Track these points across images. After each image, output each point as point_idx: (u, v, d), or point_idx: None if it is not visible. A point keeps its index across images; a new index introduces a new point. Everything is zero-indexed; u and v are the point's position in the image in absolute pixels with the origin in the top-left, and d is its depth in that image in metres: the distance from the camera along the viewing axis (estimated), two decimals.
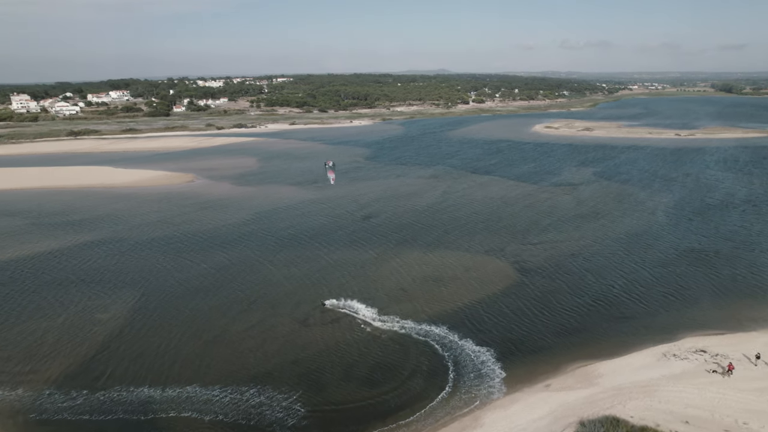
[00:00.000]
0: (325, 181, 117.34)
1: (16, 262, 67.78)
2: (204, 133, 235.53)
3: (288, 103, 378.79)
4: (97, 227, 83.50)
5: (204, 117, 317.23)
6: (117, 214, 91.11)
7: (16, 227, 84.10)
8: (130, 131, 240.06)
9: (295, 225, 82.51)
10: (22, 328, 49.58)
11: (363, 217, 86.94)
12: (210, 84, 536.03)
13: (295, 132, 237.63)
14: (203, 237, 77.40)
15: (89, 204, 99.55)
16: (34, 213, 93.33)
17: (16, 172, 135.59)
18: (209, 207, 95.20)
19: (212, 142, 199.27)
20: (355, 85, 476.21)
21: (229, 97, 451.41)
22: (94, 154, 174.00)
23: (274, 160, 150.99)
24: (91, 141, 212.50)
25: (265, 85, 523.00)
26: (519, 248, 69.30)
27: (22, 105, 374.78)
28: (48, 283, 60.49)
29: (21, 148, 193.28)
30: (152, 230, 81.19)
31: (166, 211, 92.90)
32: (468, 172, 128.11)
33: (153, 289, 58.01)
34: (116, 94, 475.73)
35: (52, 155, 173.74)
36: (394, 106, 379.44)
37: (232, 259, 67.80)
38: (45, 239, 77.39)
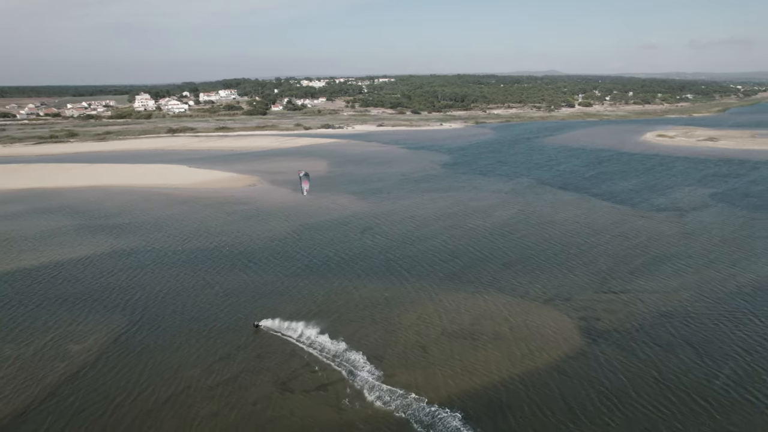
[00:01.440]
0: (390, 191, 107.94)
1: (37, 269, 64.97)
2: (290, 133, 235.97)
3: (382, 104, 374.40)
4: (137, 233, 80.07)
5: (298, 116, 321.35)
6: (164, 220, 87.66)
7: (65, 228, 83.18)
8: (223, 129, 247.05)
9: (332, 245, 72.89)
10: None
11: (414, 239, 75.25)
12: (313, 84, 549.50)
13: (381, 134, 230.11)
14: (232, 253, 70.39)
15: (145, 206, 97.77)
16: (90, 213, 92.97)
17: (100, 168, 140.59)
18: (256, 216, 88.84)
19: (294, 143, 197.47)
20: (455, 86, 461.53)
21: (328, 96, 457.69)
22: (180, 152, 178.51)
23: (345, 165, 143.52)
24: (185, 138, 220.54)
25: (364, 86, 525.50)
26: (593, 298, 53.80)
27: (142, 103, 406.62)
28: (48, 298, 56.14)
29: (122, 145, 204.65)
30: (187, 241, 75.90)
31: (212, 219, 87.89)
32: (554, 187, 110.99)
33: (145, 318, 51.13)
34: (225, 93, 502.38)
35: (143, 152, 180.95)
36: (491, 109, 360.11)
37: (247, 282, 59.63)
38: (81, 244, 74.92)
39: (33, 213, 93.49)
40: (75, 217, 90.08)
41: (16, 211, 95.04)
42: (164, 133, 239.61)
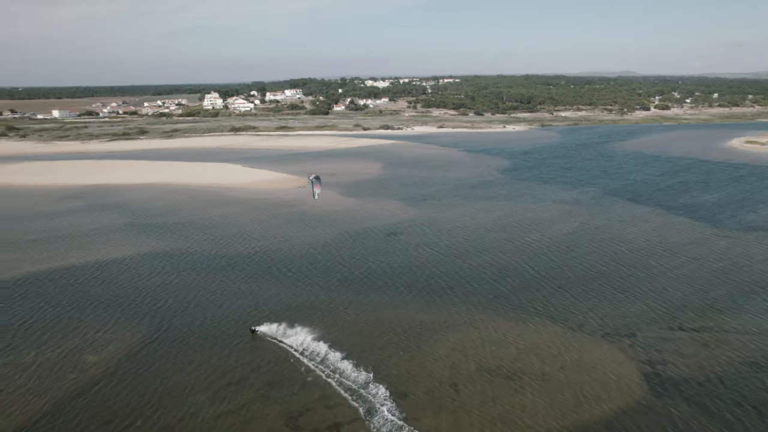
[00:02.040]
0: (442, 197, 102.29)
1: (78, 268, 64.94)
2: (348, 133, 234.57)
3: (444, 105, 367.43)
4: (180, 234, 79.39)
5: (358, 117, 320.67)
6: (209, 221, 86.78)
7: (114, 226, 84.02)
8: (283, 129, 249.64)
9: (373, 256, 68.47)
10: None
11: (461, 252, 69.50)
12: (377, 84, 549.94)
13: (440, 136, 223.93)
14: (269, 259, 67.64)
15: (193, 206, 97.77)
16: (141, 211, 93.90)
17: (160, 166, 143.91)
18: (299, 221, 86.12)
19: (350, 144, 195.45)
20: (521, 87, 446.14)
21: (390, 97, 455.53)
22: (239, 151, 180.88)
23: (399, 168, 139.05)
24: (246, 137, 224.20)
25: (428, 86, 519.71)
26: (663, 336, 46.15)
27: (210, 102, 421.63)
28: (82, 300, 55.37)
29: (186, 142, 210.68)
30: (226, 245, 74.11)
31: (255, 222, 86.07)
32: (623, 198, 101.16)
33: (168, 329, 48.87)
34: (290, 93, 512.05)
35: (204, 150, 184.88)
36: (558, 111, 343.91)
37: (279, 294, 56.40)
38: (125, 243, 74.92)
39: (90, 210, 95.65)
40: (126, 215, 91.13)
41: (76, 207, 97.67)
42: (227, 131, 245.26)
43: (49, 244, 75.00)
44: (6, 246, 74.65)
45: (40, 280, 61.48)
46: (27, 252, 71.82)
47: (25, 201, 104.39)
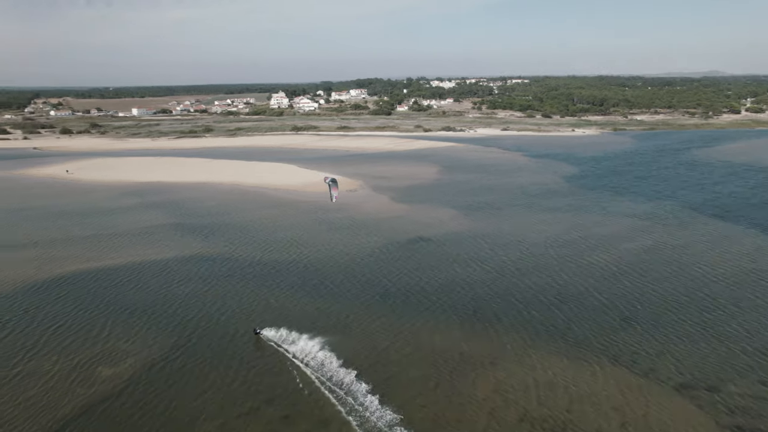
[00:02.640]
0: (500, 207, 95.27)
1: (117, 270, 64.21)
2: (408, 134, 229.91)
3: (510, 107, 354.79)
4: (224, 237, 77.78)
5: (421, 117, 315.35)
6: (254, 224, 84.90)
7: (161, 226, 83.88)
8: (343, 129, 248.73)
9: (417, 272, 63.21)
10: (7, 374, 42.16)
11: (515, 271, 62.90)
12: (443, 85, 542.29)
13: (503, 139, 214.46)
14: (308, 269, 64.16)
15: (243, 207, 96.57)
16: (189, 211, 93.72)
17: (217, 165, 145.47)
18: (346, 228, 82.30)
19: (409, 146, 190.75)
20: (593, 89, 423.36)
21: (456, 97, 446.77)
22: (296, 151, 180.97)
23: (456, 173, 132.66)
24: (306, 137, 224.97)
25: (495, 87, 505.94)
26: (753, 392, 37.93)
27: (277, 101, 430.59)
28: (113, 305, 54.01)
29: (248, 141, 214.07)
30: (266, 250, 71.47)
31: (301, 226, 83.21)
32: (707, 215, 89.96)
33: (189, 343, 46.15)
34: (355, 93, 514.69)
35: (263, 149, 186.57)
36: (633, 114, 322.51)
37: (312, 310, 52.54)
38: (168, 245, 74.10)
39: (143, 208, 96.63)
40: (175, 214, 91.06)
41: (131, 205, 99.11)
42: (289, 130, 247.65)
43: (98, 243, 75.46)
44: (59, 243, 75.80)
45: (81, 280, 61.06)
46: (76, 249, 72.44)
47: (87, 197, 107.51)
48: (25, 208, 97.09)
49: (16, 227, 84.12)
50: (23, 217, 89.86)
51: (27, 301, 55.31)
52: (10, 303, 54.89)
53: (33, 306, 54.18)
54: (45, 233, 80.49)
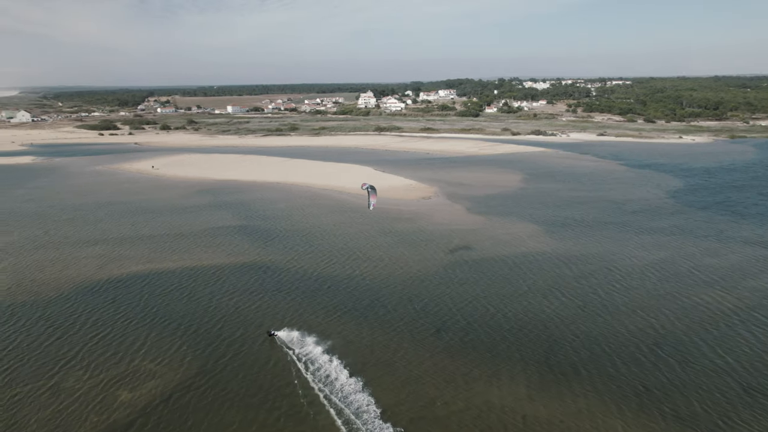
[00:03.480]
0: (590, 225, 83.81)
1: (168, 275, 62.20)
2: (495, 138, 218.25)
3: (609, 110, 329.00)
4: (284, 245, 74.11)
5: (510, 120, 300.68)
6: (319, 231, 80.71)
7: (225, 228, 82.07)
8: (427, 130, 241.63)
9: (482, 301, 55.10)
10: (21, 392, 39.73)
11: (600, 309, 52.89)
12: (536, 86, 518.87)
13: (599, 145, 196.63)
14: (363, 287, 58.28)
15: (310, 212, 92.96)
16: (257, 214, 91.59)
17: (295, 165, 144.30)
18: (412, 241, 75.53)
19: (494, 150, 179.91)
20: (707, 91, 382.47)
21: (549, 99, 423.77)
22: (376, 152, 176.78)
23: (543, 181, 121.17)
24: (388, 137, 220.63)
25: (593, 89, 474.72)
26: None
27: (364, 101, 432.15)
28: (152, 316, 51.33)
29: (330, 141, 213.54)
30: (324, 263, 66.55)
31: (365, 237, 77.69)
32: None
33: (214, 371, 41.74)
34: (444, 93, 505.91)
35: (344, 149, 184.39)
36: (756, 119, 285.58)
37: (354, 337, 46.44)
38: (227, 250, 71.52)
39: (213, 207, 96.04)
40: (242, 216, 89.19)
41: (203, 204, 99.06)
42: (372, 131, 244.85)
43: (162, 243, 74.68)
44: (127, 241, 76.02)
45: (135, 284, 59.55)
46: (140, 249, 71.95)
47: (165, 193, 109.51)
48: (111, 203, 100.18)
49: (98, 223, 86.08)
50: (107, 213, 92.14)
51: (80, 304, 54.24)
52: (66, 305, 54.08)
53: (84, 310, 52.89)
54: (118, 230, 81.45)
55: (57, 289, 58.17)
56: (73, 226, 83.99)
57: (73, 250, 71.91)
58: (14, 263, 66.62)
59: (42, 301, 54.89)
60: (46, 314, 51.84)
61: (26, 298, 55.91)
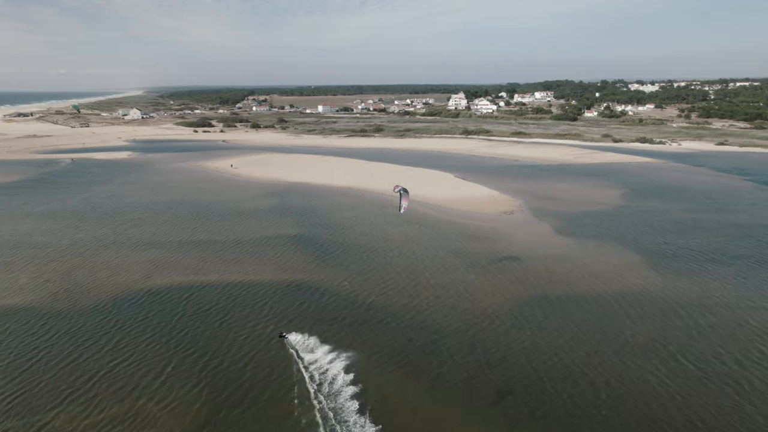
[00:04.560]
0: (711, 258, 68.24)
1: (207, 289, 57.02)
2: (593, 145, 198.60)
3: (731, 115, 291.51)
4: (338, 261, 66.94)
5: (612, 125, 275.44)
6: (381, 246, 72.87)
7: (280, 238, 76.52)
8: (518, 134, 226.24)
9: (561, 355, 43.89)
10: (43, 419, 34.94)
11: (727, 380, 39.88)
12: (644, 88, 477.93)
13: (719, 156, 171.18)
14: (415, 324, 49.33)
15: (377, 221, 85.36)
16: (319, 222, 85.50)
17: (372, 168, 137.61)
18: (485, 267, 65.12)
19: (591, 158, 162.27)
20: None
21: (658, 103, 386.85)
22: (460, 157, 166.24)
23: (647, 199, 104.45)
24: (475, 141, 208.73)
25: (711, 91, 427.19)
26: None
27: (455, 102, 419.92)
28: (179, 339, 45.85)
29: (413, 143, 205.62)
30: (374, 289, 58.32)
31: (431, 256, 68.45)
32: None
33: (233, 418, 34.81)
34: (540, 95, 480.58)
35: (426, 153, 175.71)
36: None
37: (396, 390, 37.62)
38: (273, 263, 65.58)
39: (277, 212, 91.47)
40: (304, 224, 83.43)
41: (269, 208, 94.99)
42: (459, 133, 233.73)
43: (215, 250, 70.52)
44: (183, 246, 72.91)
45: (175, 298, 55.03)
46: (192, 256, 68.17)
47: (234, 194, 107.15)
48: (181, 203, 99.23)
49: (162, 225, 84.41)
50: (174, 214, 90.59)
51: (112, 319, 50.39)
52: (98, 319, 50.50)
53: (113, 326, 48.84)
54: (177, 233, 78.88)
55: (97, 298, 54.97)
56: (140, 226, 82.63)
57: (130, 252, 69.60)
58: (72, 264, 65.10)
59: (77, 312, 51.68)
60: (75, 328, 48.28)
61: (65, 306, 53.09)
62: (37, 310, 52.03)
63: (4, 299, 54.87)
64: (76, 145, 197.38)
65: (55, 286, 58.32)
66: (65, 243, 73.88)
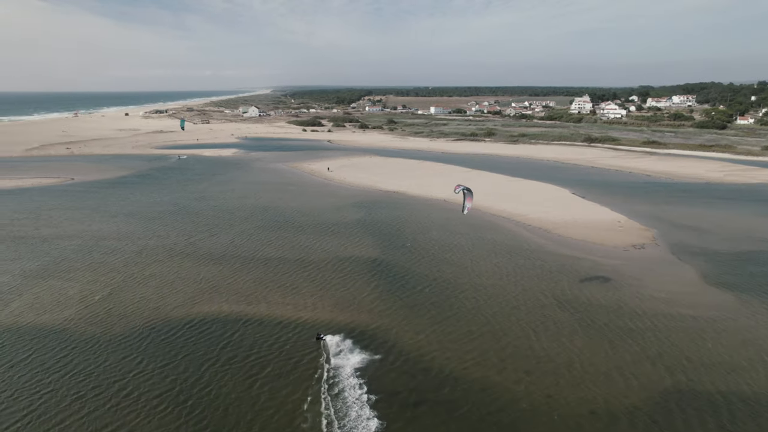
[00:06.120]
0: None
1: (253, 327, 47.70)
2: (750, 159, 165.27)
3: None
4: (411, 303, 54.78)
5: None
6: (468, 284, 59.48)
7: (351, 261, 65.96)
8: (651, 144, 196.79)
9: None
10: None
11: None
12: None
13: None
14: (484, 418, 35.69)
15: (471, 247, 71.74)
16: (403, 241, 73.88)
17: (476, 177, 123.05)
18: (599, 330, 49.07)
19: (749, 176, 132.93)
20: None
21: None
22: (580, 168, 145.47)
23: None
24: (599, 150, 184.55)
25: None
26: None
27: (578, 106, 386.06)
28: (179, 399, 36.67)
29: (526, 150, 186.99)
30: (441, 355, 45.27)
31: (527, 306, 53.67)
32: None
33: None
34: (678, 99, 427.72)
35: (541, 162, 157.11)
36: None
37: None
38: (334, 294, 55.00)
39: (357, 227, 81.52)
40: (385, 245, 72.22)
41: (348, 221, 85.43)
42: (580, 141, 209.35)
43: (274, 272, 61.88)
44: (238, 262, 65.47)
45: (208, 336, 46.65)
46: (246, 278, 60.10)
47: (321, 202, 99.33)
48: (265, 209, 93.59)
49: (235, 235, 78.59)
50: (252, 224, 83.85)
51: (135, 359, 43.04)
52: (119, 357, 43.48)
53: (131, 370, 41.33)
54: (246, 246, 71.87)
55: (131, 326, 48.26)
56: (213, 236, 76.94)
57: (191, 267, 63.34)
58: (127, 277, 60.07)
59: (104, 342, 45.09)
60: (90, 368, 41.27)
61: (96, 332, 46.93)
62: (66, 335, 46.30)
63: (43, 314, 50.28)
64: (191, 141, 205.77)
65: (99, 303, 52.93)
66: (132, 249, 69.88)
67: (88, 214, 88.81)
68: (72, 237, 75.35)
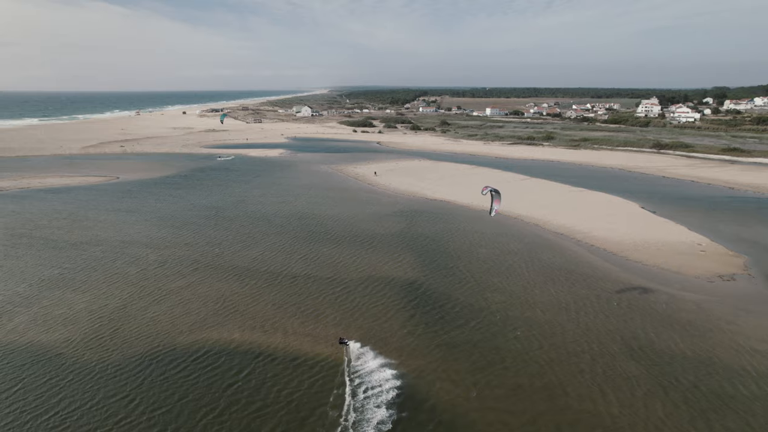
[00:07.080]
0: None
1: (264, 359, 41.27)
2: None
3: None
4: (439, 339, 46.97)
5: None
6: (511, 319, 50.95)
7: (382, 283, 58.63)
8: (732, 152, 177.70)
9: None
10: None
11: None
12: None
13: None
14: None
15: (519, 269, 62.87)
16: (444, 258, 65.89)
17: (532, 187, 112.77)
18: (681, 393, 39.52)
19: None
20: None
21: None
22: (649, 178, 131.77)
23: None
24: (669, 158, 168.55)
25: None
26: None
27: (645, 109, 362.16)
28: None
29: (589, 156, 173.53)
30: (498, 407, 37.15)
31: (592, 356, 44.61)
32: None
33: None
34: (762, 101, 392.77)
35: (604, 170, 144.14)
36: None
37: None
38: (361, 323, 47.86)
39: (396, 240, 74.22)
40: (423, 263, 64.50)
41: (388, 233, 78.31)
42: (648, 147, 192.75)
43: (295, 294, 55.62)
44: (267, 281, 59.69)
45: (214, 371, 40.73)
46: (266, 300, 54.18)
47: (361, 210, 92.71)
48: (302, 217, 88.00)
49: (265, 249, 73.34)
50: (288, 236, 78.01)
51: (127, 396, 37.94)
52: (111, 391, 38.59)
53: (117, 414, 36.01)
54: (273, 261, 66.15)
55: (131, 352, 43.14)
56: (246, 248, 71.14)
57: (211, 283, 58.15)
58: (140, 292, 55.54)
59: (99, 372, 40.12)
60: (76, 405, 36.27)
61: (93, 358, 42.15)
62: (60, 362, 41.66)
63: (44, 332, 46.11)
64: (240, 141, 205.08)
65: (105, 322, 48.36)
66: (156, 259, 65.63)
67: (122, 217, 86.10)
68: (100, 243, 72.22)
